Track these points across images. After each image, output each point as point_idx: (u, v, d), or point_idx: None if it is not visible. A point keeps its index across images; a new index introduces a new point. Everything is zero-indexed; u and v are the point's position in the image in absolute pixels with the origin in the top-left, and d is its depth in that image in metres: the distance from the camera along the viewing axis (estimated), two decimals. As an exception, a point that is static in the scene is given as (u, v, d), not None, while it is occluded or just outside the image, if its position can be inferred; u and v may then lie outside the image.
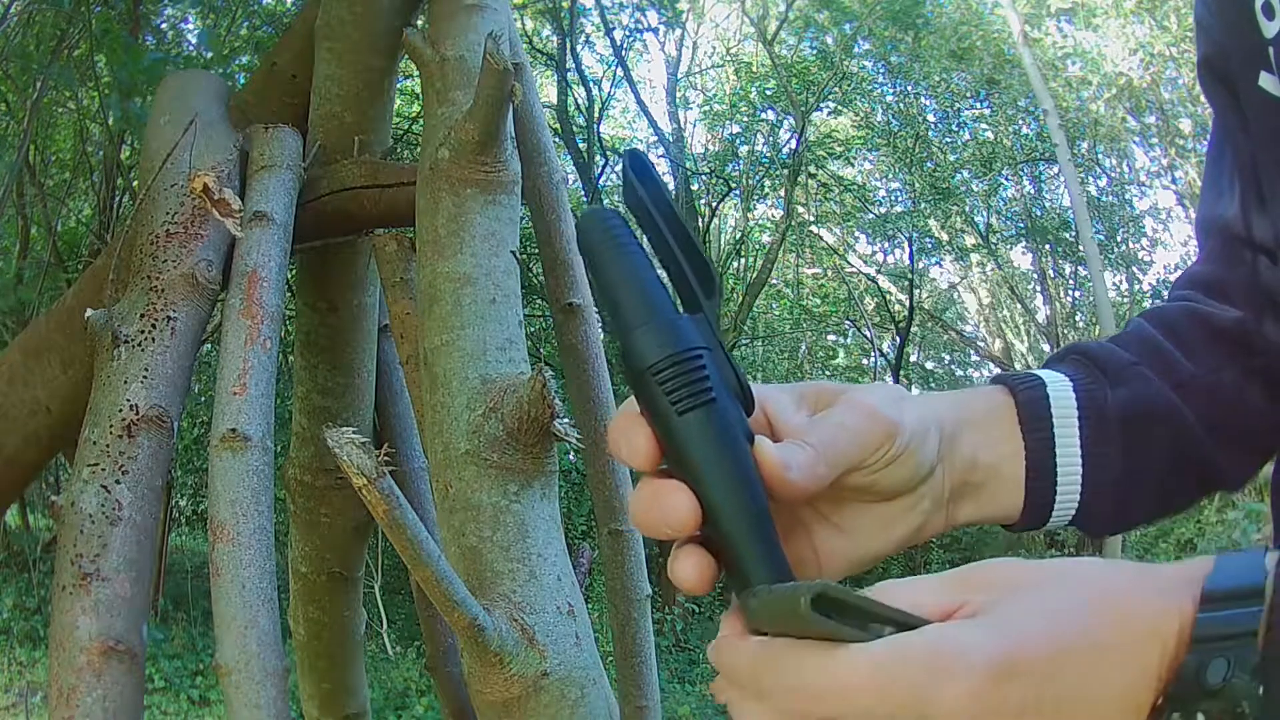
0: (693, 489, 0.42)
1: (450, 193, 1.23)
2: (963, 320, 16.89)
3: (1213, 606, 0.36)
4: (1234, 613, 0.36)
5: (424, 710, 6.45)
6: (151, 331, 1.24)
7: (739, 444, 0.43)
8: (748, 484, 0.42)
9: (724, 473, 0.42)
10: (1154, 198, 15.20)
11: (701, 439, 0.42)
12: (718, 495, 0.42)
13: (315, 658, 1.70)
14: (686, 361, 0.42)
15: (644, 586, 1.42)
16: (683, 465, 0.43)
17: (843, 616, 0.36)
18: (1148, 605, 0.37)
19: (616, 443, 0.45)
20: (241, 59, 4.89)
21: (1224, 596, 0.37)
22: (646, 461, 0.44)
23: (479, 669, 1.00)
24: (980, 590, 0.39)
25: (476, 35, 1.35)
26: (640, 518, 0.44)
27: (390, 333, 1.60)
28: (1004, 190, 14.77)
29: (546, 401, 1.06)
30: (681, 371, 0.42)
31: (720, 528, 0.42)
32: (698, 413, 0.42)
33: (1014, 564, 0.40)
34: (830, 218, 15.24)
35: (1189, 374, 0.60)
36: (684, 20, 12.93)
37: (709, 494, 0.42)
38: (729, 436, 0.43)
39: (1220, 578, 0.37)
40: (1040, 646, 0.36)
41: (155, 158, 1.42)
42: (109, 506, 1.12)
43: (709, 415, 0.42)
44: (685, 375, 0.42)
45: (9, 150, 5.70)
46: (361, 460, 0.83)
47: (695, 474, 0.42)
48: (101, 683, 1.04)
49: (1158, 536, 11.99)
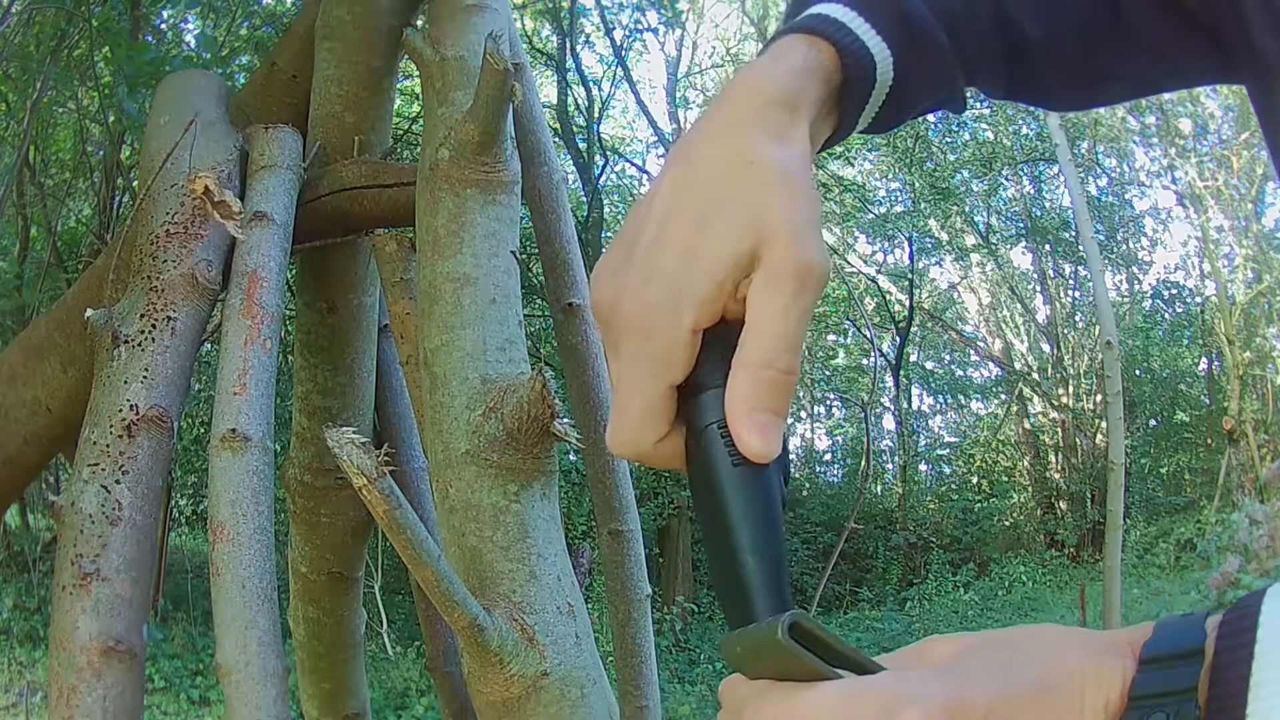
0: (724, 535, 0.46)
1: (450, 193, 1.23)
2: (963, 320, 16.89)
3: (1152, 668, 0.39)
4: (1173, 670, 0.38)
5: (424, 710, 6.45)
6: (151, 331, 1.24)
7: (774, 502, 0.47)
8: (776, 539, 0.46)
9: (759, 523, 0.46)
10: (1154, 198, 15.20)
11: (747, 490, 0.46)
12: (749, 539, 0.45)
13: (315, 658, 1.70)
14: None
15: (644, 586, 1.42)
16: (722, 508, 0.46)
17: (813, 646, 0.41)
18: (1093, 660, 0.39)
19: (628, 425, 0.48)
20: (241, 59, 4.89)
21: (1163, 658, 0.39)
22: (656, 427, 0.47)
23: (479, 669, 1.00)
24: (936, 660, 0.43)
25: (476, 35, 1.35)
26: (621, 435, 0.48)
27: (390, 333, 1.60)
28: (1004, 190, 14.78)
29: (546, 401, 1.06)
30: None
31: (741, 567, 0.45)
32: (749, 468, 0.46)
33: (965, 635, 0.43)
34: (830, 218, 15.24)
35: None
36: (684, 20, 12.93)
37: (741, 537, 0.45)
38: (768, 494, 0.46)
39: (1159, 642, 0.39)
40: (990, 690, 0.38)
41: (155, 158, 1.42)
42: (109, 506, 1.13)
43: (757, 472, 0.46)
44: None
45: (9, 150, 5.70)
46: (361, 460, 0.83)
47: (733, 518, 0.46)
48: (101, 683, 1.04)
49: (1158, 537, 11.99)
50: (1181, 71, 0.65)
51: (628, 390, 0.47)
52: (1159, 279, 15.03)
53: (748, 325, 0.45)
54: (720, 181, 0.47)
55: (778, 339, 0.44)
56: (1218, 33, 0.59)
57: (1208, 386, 14.17)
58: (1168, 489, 13.74)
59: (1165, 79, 0.67)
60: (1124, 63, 0.63)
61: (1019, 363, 15.59)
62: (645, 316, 0.46)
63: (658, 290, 0.46)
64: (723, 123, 0.50)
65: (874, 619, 10.96)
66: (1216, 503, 10.98)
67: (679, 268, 0.46)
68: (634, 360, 0.46)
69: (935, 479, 16.15)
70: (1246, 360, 12.29)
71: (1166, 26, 0.60)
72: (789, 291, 0.44)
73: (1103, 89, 0.67)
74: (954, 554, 12.94)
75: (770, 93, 0.50)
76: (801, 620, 0.40)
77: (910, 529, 13.40)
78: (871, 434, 14.32)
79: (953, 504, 14.34)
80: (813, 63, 0.52)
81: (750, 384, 0.44)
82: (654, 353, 0.46)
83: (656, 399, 0.46)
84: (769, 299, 0.45)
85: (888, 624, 10.33)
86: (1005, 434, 15.64)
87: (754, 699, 0.42)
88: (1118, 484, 7.25)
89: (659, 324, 0.46)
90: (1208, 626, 0.39)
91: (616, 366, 0.48)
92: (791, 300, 0.44)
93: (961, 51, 0.59)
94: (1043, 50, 0.62)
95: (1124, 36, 0.62)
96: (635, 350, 0.46)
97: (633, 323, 0.46)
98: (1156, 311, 14.73)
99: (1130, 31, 0.61)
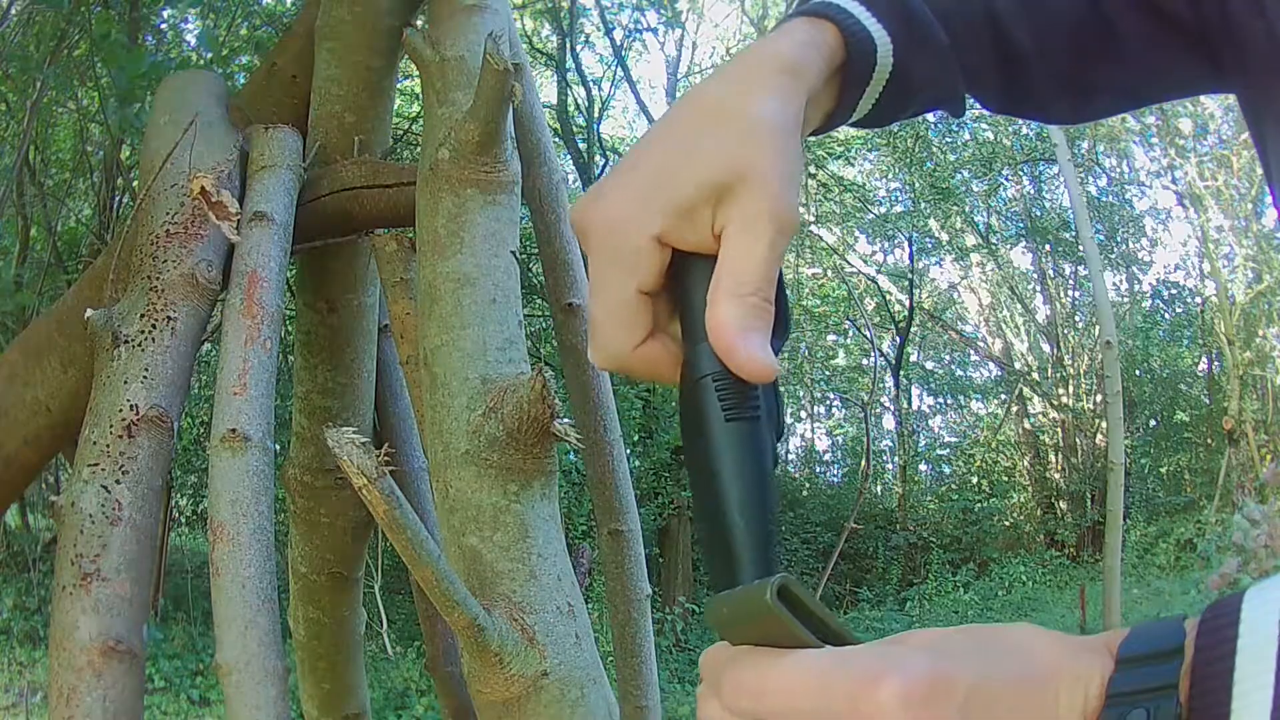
0: (713, 493, 0.45)
1: (450, 193, 1.23)
2: (963, 320, 16.90)
3: (1129, 666, 0.38)
4: (1152, 669, 0.38)
5: (424, 710, 6.45)
6: (151, 331, 1.24)
7: (766, 460, 0.46)
8: (766, 496, 0.46)
9: (749, 480, 0.45)
10: (1154, 198, 15.21)
11: (739, 446, 0.46)
12: (738, 496, 0.45)
13: (315, 658, 1.70)
14: (743, 379, 0.46)
15: (644, 586, 1.42)
16: (713, 464, 0.46)
17: (800, 614, 0.40)
18: (1070, 658, 0.39)
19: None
20: (241, 59, 4.89)
21: (1141, 657, 0.38)
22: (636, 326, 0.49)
23: (479, 669, 1.00)
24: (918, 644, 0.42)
25: (476, 35, 1.35)
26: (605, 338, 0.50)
27: (390, 333, 1.60)
28: (1004, 190, 14.78)
29: (546, 401, 1.06)
30: (737, 386, 0.46)
31: (729, 527, 0.45)
32: (741, 424, 0.46)
33: (947, 629, 0.43)
34: (830, 218, 15.23)
35: None
36: (683, 20, 12.94)
37: (730, 493, 0.45)
38: (760, 452, 0.46)
39: (1136, 642, 0.39)
40: (971, 671, 0.38)
41: (155, 158, 1.42)
42: (109, 506, 1.13)
43: (750, 428, 0.46)
44: (739, 390, 0.46)
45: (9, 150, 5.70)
46: (361, 460, 0.83)
47: (724, 475, 0.45)
48: (101, 683, 1.04)
49: (1158, 537, 11.99)
50: (1172, 82, 0.66)
51: (599, 296, 0.50)
52: (1159, 279, 15.04)
53: (727, 260, 0.47)
54: (715, 118, 0.50)
55: (757, 272, 0.47)
56: (1208, 42, 0.60)
57: (1208, 386, 14.18)
58: (1168, 489, 13.75)
59: (1156, 91, 0.68)
60: (1115, 74, 0.64)
61: (1019, 363, 15.59)
62: (616, 221, 0.49)
63: (631, 198, 0.49)
64: (728, 78, 0.53)
65: (874, 619, 10.96)
66: (1216, 503, 10.99)
67: (655, 182, 0.49)
68: (604, 266, 0.50)
69: (935, 479, 16.16)
70: (1246, 360, 12.29)
71: (1157, 36, 0.62)
72: (770, 233, 0.47)
73: (1095, 100, 0.68)
74: (954, 554, 12.94)
75: (776, 59, 0.53)
76: (790, 585, 0.40)
77: (910, 529, 13.41)
78: (871, 434, 14.33)
79: (953, 504, 14.34)
80: (817, 39, 0.56)
81: (738, 307, 0.46)
82: (621, 257, 0.49)
83: (627, 303, 0.49)
84: (751, 238, 0.47)
85: (888, 624, 10.33)
86: (1005, 434, 15.64)
87: (733, 665, 0.42)
88: (1118, 484, 7.26)
89: (627, 228, 0.49)
90: (1186, 627, 0.39)
91: (591, 276, 0.51)
92: (770, 243, 0.47)
93: (958, 56, 0.60)
94: (1034, 60, 0.63)
95: (1115, 47, 0.63)
96: (605, 256, 0.49)
97: (604, 226, 0.50)
98: (1156, 311, 14.73)
99: (1121, 42, 0.63)
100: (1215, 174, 12.36)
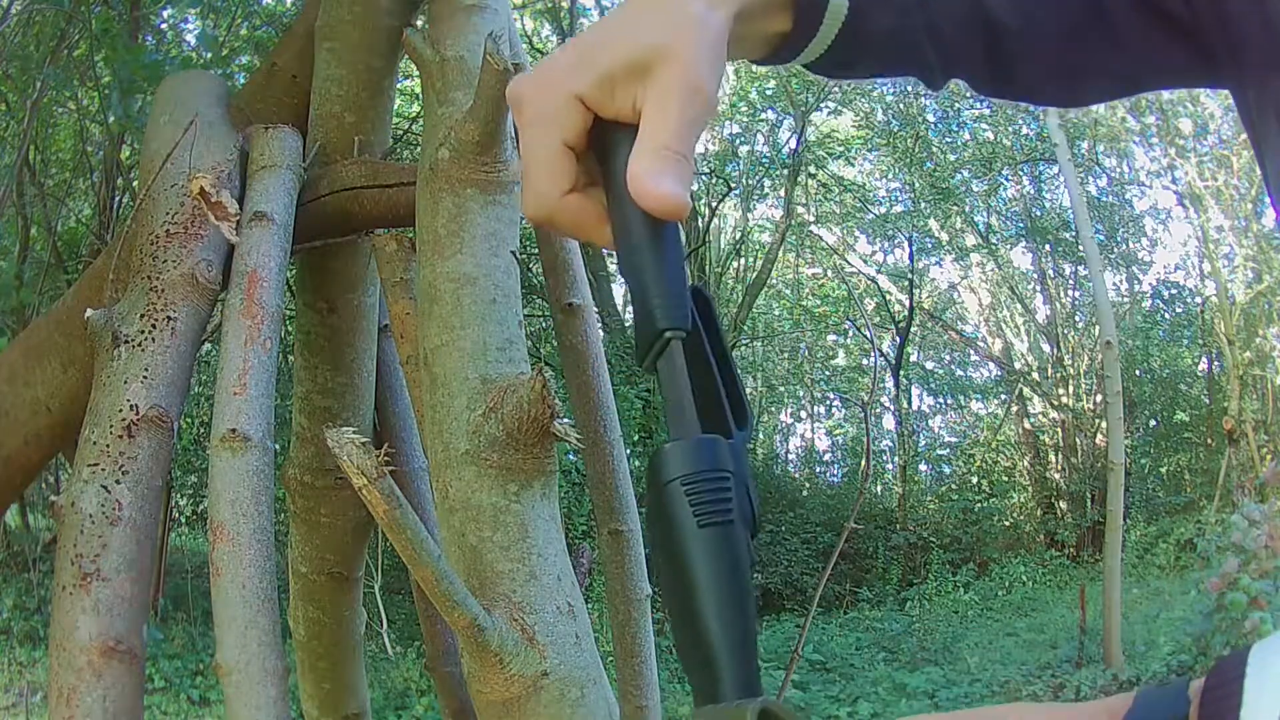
0: (689, 601, 0.44)
1: (450, 193, 1.23)
2: (963, 320, 16.89)
3: None
4: None
5: (424, 710, 6.45)
6: (151, 331, 1.24)
7: (743, 566, 0.45)
8: (745, 604, 0.44)
9: (726, 589, 0.44)
10: (1154, 198, 15.19)
11: (714, 553, 0.44)
12: (715, 606, 0.43)
13: (315, 658, 1.70)
14: (716, 481, 0.45)
15: (644, 586, 1.42)
16: (688, 574, 0.44)
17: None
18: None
19: None
20: (241, 59, 4.89)
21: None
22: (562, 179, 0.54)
23: (479, 669, 1.00)
24: None
25: (476, 35, 1.35)
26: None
27: (390, 333, 1.60)
28: (1004, 190, 14.77)
29: (546, 401, 1.06)
30: (710, 489, 0.45)
31: (708, 641, 0.43)
32: (716, 530, 0.44)
33: (945, 714, 0.43)
34: (830, 218, 15.23)
35: None
36: (684, 20, 12.90)
37: (707, 604, 0.43)
38: (736, 558, 0.44)
39: (1141, 712, 0.39)
40: None
41: (155, 158, 1.42)
42: (109, 506, 1.13)
43: (725, 533, 0.44)
44: (713, 493, 0.45)
45: (9, 150, 5.70)
46: (361, 460, 0.83)
47: (700, 585, 0.44)
48: (101, 683, 1.04)
49: (1158, 537, 11.98)
50: (1166, 71, 0.65)
51: (528, 151, 0.54)
52: (1159, 279, 15.03)
53: (645, 124, 0.51)
54: (649, 8, 0.54)
55: (670, 130, 0.50)
56: (1201, 37, 0.59)
57: (1208, 386, 14.17)
58: (1168, 489, 13.74)
59: (1150, 78, 0.67)
60: (1106, 59, 0.63)
61: (1019, 363, 15.59)
62: (544, 84, 0.54)
63: (560, 67, 0.54)
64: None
65: (874, 619, 10.95)
66: (1216, 503, 10.98)
67: (583, 55, 0.54)
68: (532, 123, 0.54)
69: (935, 479, 16.15)
70: (1246, 360, 12.29)
71: (1148, 26, 0.61)
72: (682, 101, 0.51)
73: (1085, 84, 0.67)
74: (954, 554, 12.93)
75: None
76: (771, 709, 0.40)
77: (910, 529, 13.40)
78: (871, 434, 14.31)
79: (953, 504, 14.34)
80: None
81: (651, 157, 0.49)
82: (547, 113, 0.54)
83: (552, 153, 0.53)
84: (666, 104, 0.51)
85: (888, 624, 10.32)
86: (1005, 434, 15.64)
87: None
88: (1118, 484, 7.25)
89: (554, 87, 0.54)
90: (1190, 693, 0.38)
91: (521, 137, 0.55)
92: (683, 108, 0.51)
93: (934, 31, 0.61)
94: (1021, 41, 0.62)
95: (1106, 32, 0.62)
96: (533, 113, 0.54)
97: (534, 90, 0.55)
98: (1156, 311, 14.72)
99: (1112, 28, 0.62)
100: (1215, 174, 12.35)
